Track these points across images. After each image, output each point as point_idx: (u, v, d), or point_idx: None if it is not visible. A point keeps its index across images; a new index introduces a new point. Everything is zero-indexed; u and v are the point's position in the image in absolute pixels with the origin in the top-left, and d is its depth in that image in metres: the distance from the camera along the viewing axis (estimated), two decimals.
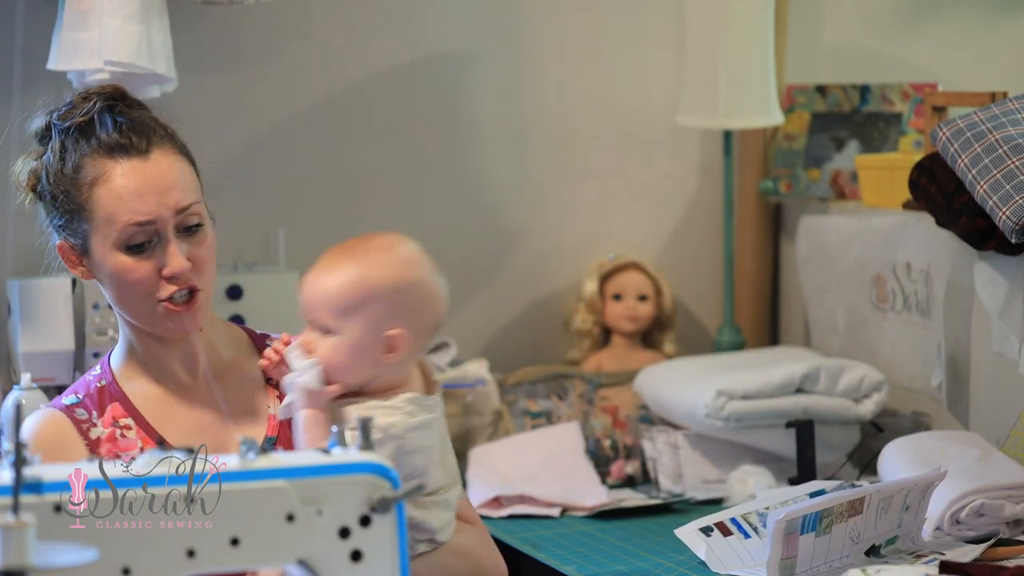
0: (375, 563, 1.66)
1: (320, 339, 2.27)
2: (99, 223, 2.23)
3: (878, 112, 3.61)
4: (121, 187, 2.22)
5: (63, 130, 2.26)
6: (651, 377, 3.41)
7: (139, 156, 2.24)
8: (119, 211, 2.22)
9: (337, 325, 2.26)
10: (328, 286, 2.27)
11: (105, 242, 2.23)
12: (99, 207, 2.22)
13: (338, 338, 2.26)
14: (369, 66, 3.59)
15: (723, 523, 2.60)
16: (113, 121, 2.26)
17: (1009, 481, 2.68)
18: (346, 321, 2.25)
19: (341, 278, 2.27)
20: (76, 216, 2.24)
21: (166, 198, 2.24)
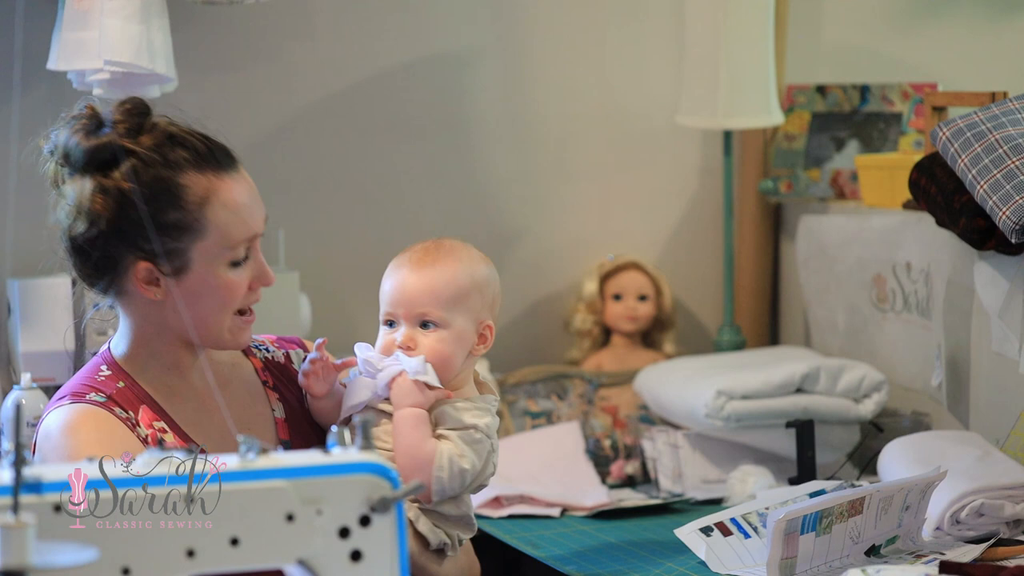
0: (375, 563, 1.66)
1: (421, 334, 2.32)
2: (211, 241, 2.18)
3: (878, 112, 3.61)
4: (233, 203, 2.20)
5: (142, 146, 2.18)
6: (651, 377, 3.41)
7: (235, 170, 2.23)
8: (235, 227, 2.20)
9: (444, 318, 2.34)
10: (435, 280, 2.34)
11: (214, 259, 2.19)
12: (212, 225, 2.18)
13: (445, 331, 2.34)
14: (369, 66, 3.59)
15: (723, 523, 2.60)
16: (199, 136, 2.22)
17: (1009, 481, 2.68)
18: (453, 313, 2.35)
19: (446, 272, 2.35)
20: (181, 235, 2.18)
21: (259, 210, 2.26)
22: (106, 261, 2.20)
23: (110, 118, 2.21)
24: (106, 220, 2.17)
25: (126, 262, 2.19)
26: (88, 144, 2.19)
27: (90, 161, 2.18)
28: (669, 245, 3.84)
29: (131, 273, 2.19)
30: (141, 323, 2.25)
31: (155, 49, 3.04)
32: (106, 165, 2.18)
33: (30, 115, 3.31)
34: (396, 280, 2.37)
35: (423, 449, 2.29)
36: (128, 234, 2.17)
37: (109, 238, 2.18)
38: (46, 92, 3.33)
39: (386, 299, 2.38)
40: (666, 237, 3.84)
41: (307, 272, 3.44)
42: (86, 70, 3.06)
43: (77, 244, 2.20)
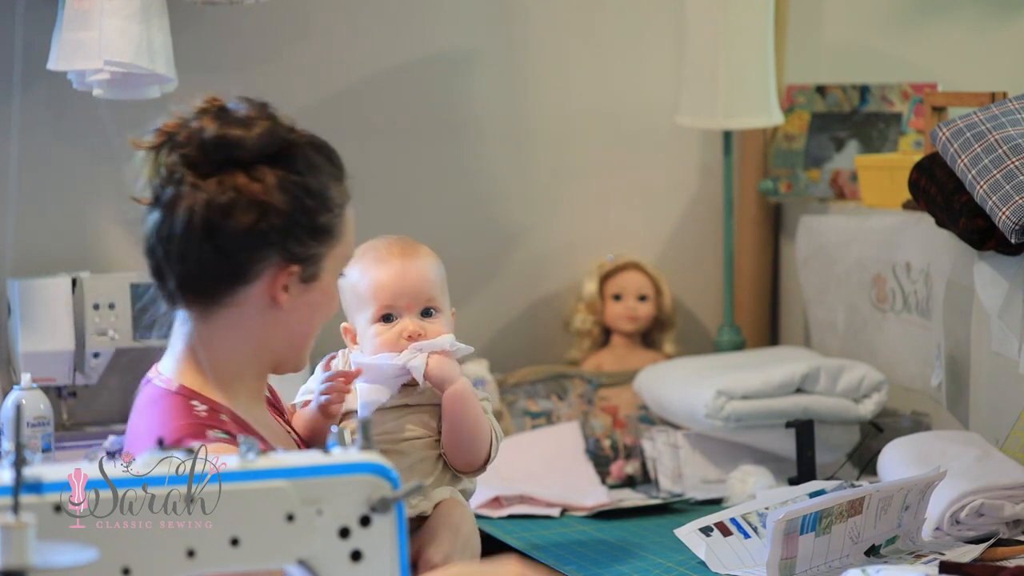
0: (375, 563, 1.66)
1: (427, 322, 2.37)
2: (340, 249, 2.12)
3: (878, 112, 3.61)
4: (352, 216, 2.15)
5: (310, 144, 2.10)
6: (651, 377, 3.41)
7: None
8: (351, 238, 2.15)
9: (442, 304, 2.40)
10: (427, 268, 2.39)
11: (336, 269, 2.12)
12: (345, 233, 2.12)
13: (443, 316, 2.40)
14: (369, 66, 3.59)
15: (723, 523, 2.61)
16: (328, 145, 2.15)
17: (1009, 481, 2.68)
18: (444, 299, 2.41)
19: (430, 260, 2.40)
20: (327, 240, 2.09)
21: None
22: (249, 262, 2.04)
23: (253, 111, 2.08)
24: (280, 215, 2.03)
25: (271, 265, 2.05)
26: (255, 134, 2.05)
27: (260, 151, 2.04)
28: (669, 245, 3.84)
29: (271, 277, 2.06)
30: (239, 341, 2.09)
31: (155, 49, 3.04)
32: (277, 158, 2.05)
33: (30, 115, 3.31)
34: (391, 272, 2.37)
35: (483, 423, 2.34)
36: (289, 233, 2.04)
37: (271, 235, 2.03)
38: (46, 92, 3.33)
39: (382, 292, 2.37)
40: (666, 237, 3.84)
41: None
42: (86, 70, 3.07)
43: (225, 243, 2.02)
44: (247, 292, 2.06)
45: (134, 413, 2.16)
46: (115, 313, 3.23)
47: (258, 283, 2.06)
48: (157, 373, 2.14)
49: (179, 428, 2.04)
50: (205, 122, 2.06)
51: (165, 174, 2.06)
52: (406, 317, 2.37)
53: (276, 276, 2.06)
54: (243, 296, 2.06)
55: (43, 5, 3.21)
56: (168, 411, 2.07)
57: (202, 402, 2.08)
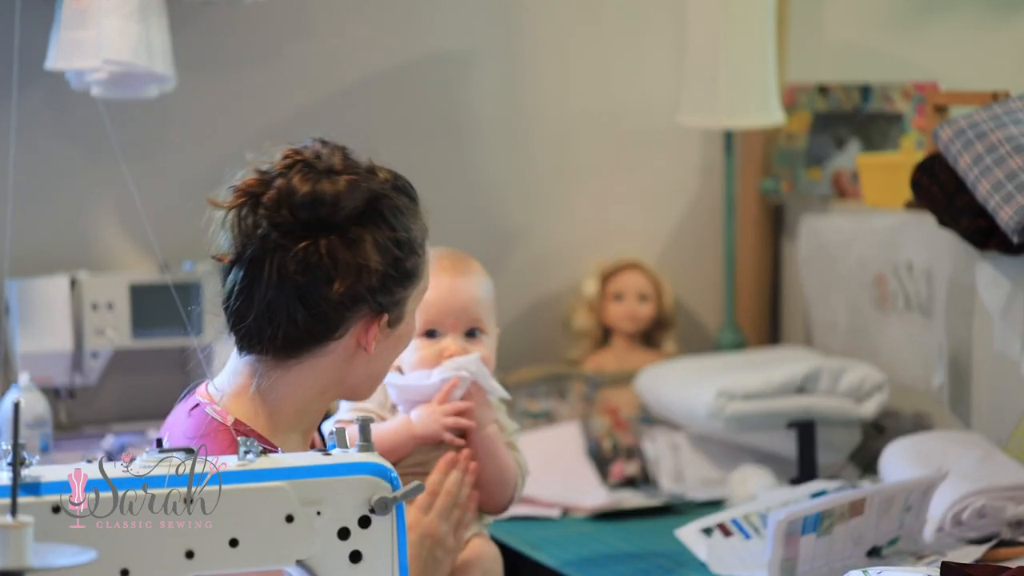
0: (375, 564, 1.65)
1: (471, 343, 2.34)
2: (421, 286, 2.03)
3: (879, 112, 3.61)
4: None
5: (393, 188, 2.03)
6: (651, 377, 3.40)
7: None
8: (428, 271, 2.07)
9: (488, 325, 2.36)
10: (478, 287, 2.35)
11: (415, 304, 2.04)
12: (424, 271, 2.04)
13: (488, 338, 2.36)
14: (369, 66, 3.59)
15: (724, 524, 2.60)
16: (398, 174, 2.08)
17: (1011, 482, 2.68)
18: (491, 320, 2.37)
19: (482, 279, 2.36)
20: (412, 282, 2.01)
21: None
22: (340, 320, 1.97)
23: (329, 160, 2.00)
24: (374, 274, 1.95)
25: (361, 317, 1.98)
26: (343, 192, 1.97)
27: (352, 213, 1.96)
28: (669, 245, 3.84)
29: (362, 329, 1.99)
30: (314, 384, 2.00)
31: (154, 48, 3.03)
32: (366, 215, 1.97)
33: (28, 114, 3.30)
34: (442, 288, 2.30)
35: (511, 464, 2.33)
36: (384, 288, 1.97)
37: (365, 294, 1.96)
38: (44, 91, 3.32)
39: (431, 309, 2.29)
40: (666, 237, 3.84)
41: None
42: (84, 69, 3.06)
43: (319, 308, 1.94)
44: (335, 345, 1.98)
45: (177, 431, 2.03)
46: (113, 313, 3.22)
47: (348, 336, 1.98)
48: (209, 399, 2.01)
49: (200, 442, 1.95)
50: (294, 181, 1.97)
51: (249, 233, 1.97)
52: (450, 336, 2.34)
53: (368, 328, 1.98)
54: (330, 348, 1.99)
55: (41, 4, 3.21)
56: (222, 448, 1.93)
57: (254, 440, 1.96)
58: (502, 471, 2.33)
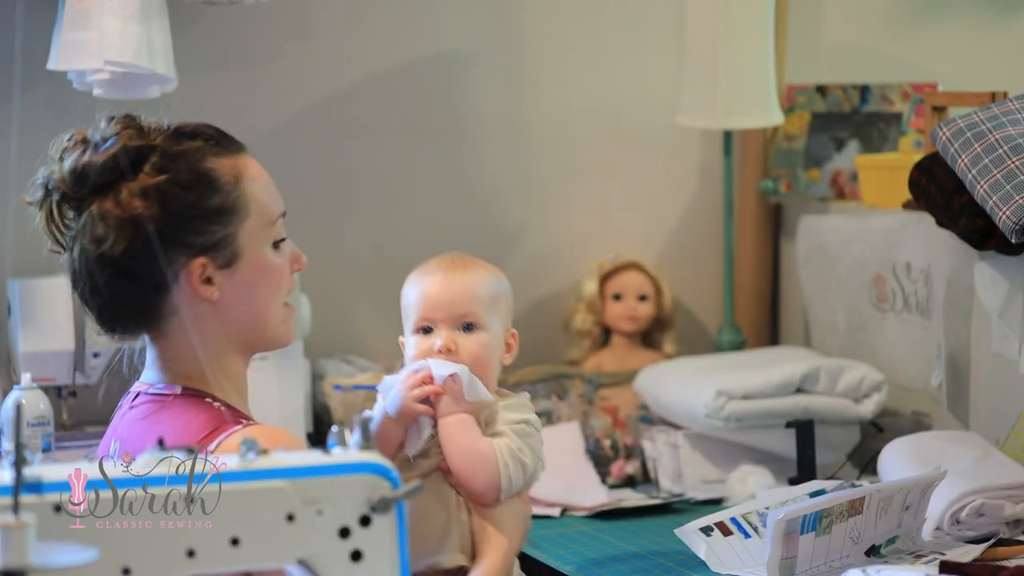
0: (375, 563, 1.66)
1: (463, 337, 2.32)
2: (255, 221, 2.11)
3: (878, 112, 3.61)
4: (263, 179, 2.14)
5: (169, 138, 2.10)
6: (651, 377, 3.41)
7: (246, 151, 2.17)
8: (272, 204, 2.14)
9: (485, 320, 2.34)
10: (474, 282, 2.34)
11: (260, 240, 2.11)
12: (254, 203, 2.11)
13: (485, 334, 2.33)
14: (369, 66, 3.59)
15: (723, 523, 2.60)
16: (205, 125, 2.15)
17: (1009, 481, 2.68)
18: (491, 316, 2.35)
19: (481, 276, 2.36)
20: (228, 219, 2.09)
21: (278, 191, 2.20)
22: (157, 275, 2.06)
23: (109, 131, 2.12)
24: (152, 220, 2.04)
25: (177, 266, 2.07)
26: (103, 157, 2.07)
27: (114, 171, 2.06)
28: (669, 245, 3.84)
29: (185, 276, 2.07)
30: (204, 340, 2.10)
31: (155, 49, 3.04)
32: (131, 170, 2.06)
33: (30, 115, 3.31)
34: (433, 284, 2.34)
35: (480, 448, 2.28)
36: (178, 231, 2.05)
37: (157, 243, 2.04)
38: (46, 92, 3.33)
39: (422, 304, 2.34)
40: (666, 237, 3.84)
41: (307, 272, 3.43)
42: (86, 70, 3.06)
43: (122, 269, 2.06)
44: (172, 300, 2.07)
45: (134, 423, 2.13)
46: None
47: (177, 288, 2.07)
48: (147, 385, 2.14)
49: (208, 421, 2.05)
50: (65, 164, 2.10)
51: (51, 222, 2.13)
52: (443, 330, 2.34)
53: (188, 274, 2.07)
54: (173, 305, 2.08)
55: (43, 5, 3.21)
56: (187, 410, 2.07)
57: (214, 400, 2.10)
58: (463, 456, 2.28)
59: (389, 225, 3.61)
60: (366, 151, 3.59)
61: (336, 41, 3.56)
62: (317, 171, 3.56)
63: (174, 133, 2.12)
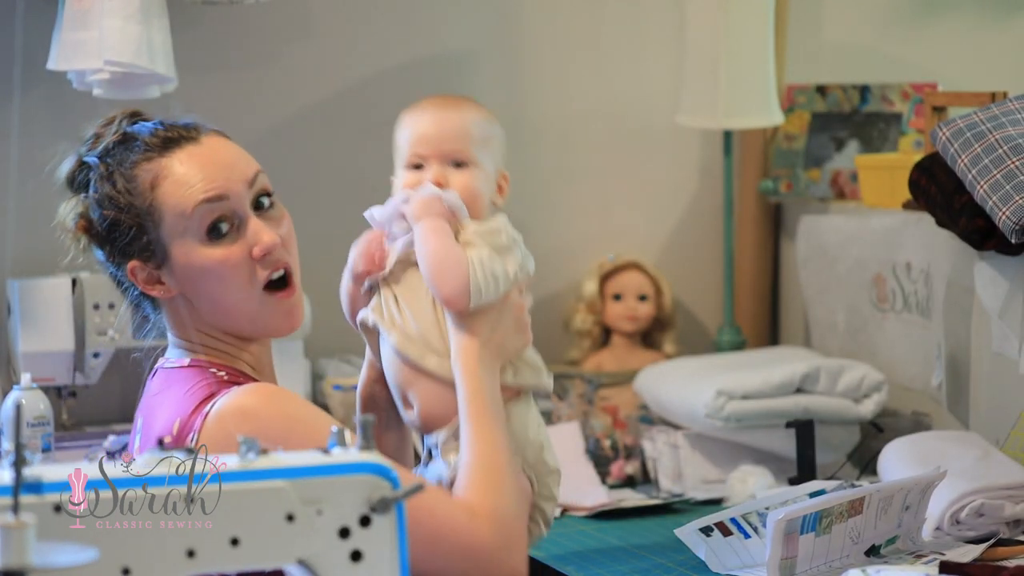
0: (375, 563, 1.66)
1: (453, 172, 2.31)
2: (172, 220, 2.13)
3: (878, 112, 3.61)
4: (183, 173, 2.14)
5: (100, 155, 2.18)
6: (651, 377, 3.41)
7: (191, 143, 2.17)
8: (187, 196, 2.13)
9: (476, 157, 2.32)
10: (465, 119, 2.33)
11: (185, 239, 2.13)
12: (167, 203, 2.13)
13: (477, 170, 2.32)
14: (369, 66, 3.59)
15: (723, 523, 2.60)
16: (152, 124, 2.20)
17: (1009, 481, 2.68)
18: (483, 154, 2.34)
19: (474, 113, 2.34)
20: (145, 226, 2.14)
21: (232, 172, 2.16)
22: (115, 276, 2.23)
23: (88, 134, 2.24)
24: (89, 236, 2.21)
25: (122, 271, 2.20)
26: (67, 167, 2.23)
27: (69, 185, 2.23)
28: (669, 245, 3.84)
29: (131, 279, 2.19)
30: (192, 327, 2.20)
31: (155, 49, 3.04)
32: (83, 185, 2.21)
33: (30, 115, 3.31)
34: (425, 120, 2.32)
35: (453, 252, 2.24)
36: (107, 243, 2.19)
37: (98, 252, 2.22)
38: (46, 92, 3.33)
39: (413, 139, 2.34)
40: (666, 237, 3.84)
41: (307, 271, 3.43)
42: (86, 70, 3.07)
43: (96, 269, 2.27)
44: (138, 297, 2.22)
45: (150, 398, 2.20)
46: (115, 313, 3.23)
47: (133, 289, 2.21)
48: (165, 359, 2.23)
49: (209, 386, 2.10)
50: None
51: None
52: (434, 165, 2.33)
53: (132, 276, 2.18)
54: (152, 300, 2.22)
55: (43, 5, 3.21)
56: (192, 378, 2.13)
57: (219, 369, 2.15)
58: (434, 259, 2.23)
59: None
60: (366, 151, 3.59)
61: (336, 41, 3.56)
62: (317, 171, 3.56)
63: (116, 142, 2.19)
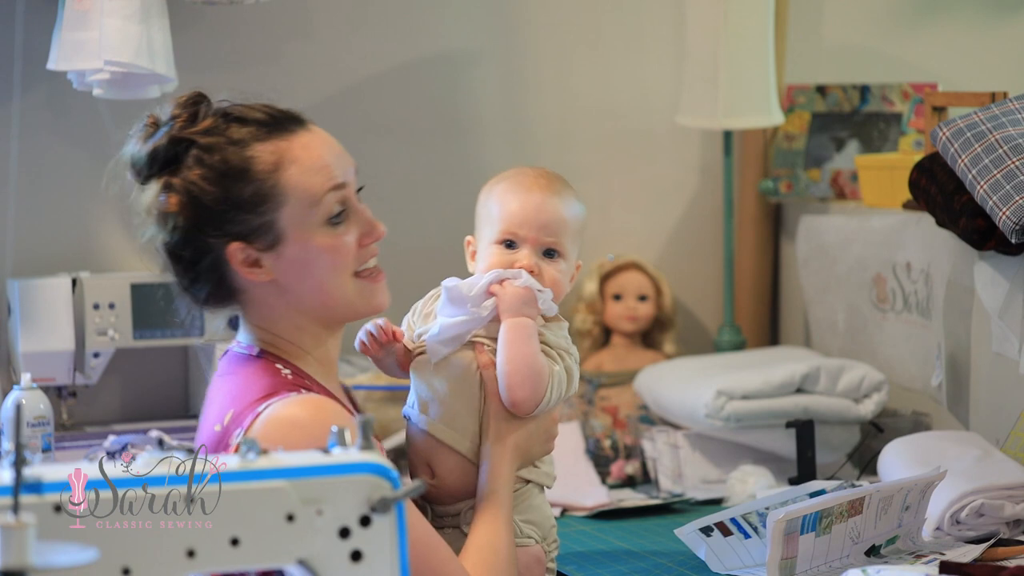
0: (375, 563, 1.66)
1: (545, 262, 2.33)
2: (297, 205, 2.12)
3: (878, 112, 3.61)
4: (310, 159, 2.14)
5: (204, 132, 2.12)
6: (651, 377, 3.41)
7: (303, 129, 2.18)
8: (317, 183, 2.13)
9: (568, 249, 2.34)
10: (567, 208, 2.34)
11: (306, 222, 2.12)
12: (294, 187, 2.12)
13: (565, 263, 2.34)
14: (369, 66, 3.59)
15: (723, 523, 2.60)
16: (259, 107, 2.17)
17: (1009, 481, 2.68)
18: (572, 246, 2.35)
19: (573, 203, 2.36)
20: (261, 207, 2.11)
21: (344, 160, 2.19)
22: (201, 257, 2.14)
23: (166, 117, 2.15)
24: (183, 216, 2.10)
25: (217, 251, 2.12)
26: (148, 147, 2.13)
27: (154, 163, 2.13)
28: (669, 245, 3.84)
29: (227, 260, 2.12)
30: (275, 316, 2.17)
31: (155, 49, 3.04)
32: (172, 162, 2.12)
33: (30, 115, 3.31)
34: (530, 201, 2.33)
35: (540, 364, 2.27)
36: (209, 222, 2.10)
37: (193, 233, 2.11)
38: (46, 92, 3.33)
39: (514, 218, 2.34)
40: (666, 237, 3.84)
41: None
42: (86, 70, 3.07)
43: (171, 252, 2.15)
44: (230, 280, 2.15)
45: (216, 378, 2.21)
46: (115, 313, 3.23)
47: (231, 272, 2.14)
48: (237, 342, 2.22)
49: (269, 385, 2.10)
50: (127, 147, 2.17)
51: None
52: (526, 248, 2.33)
53: (230, 257, 2.12)
54: (236, 284, 2.15)
55: (43, 5, 3.21)
56: (256, 372, 2.13)
57: (285, 366, 2.15)
58: (522, 363, 2.27)
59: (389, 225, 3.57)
60: (366, 151, 3.59)
61: (336, 41, 3.56)
62: None
63: (220, 120, 2.14)
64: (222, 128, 2.13)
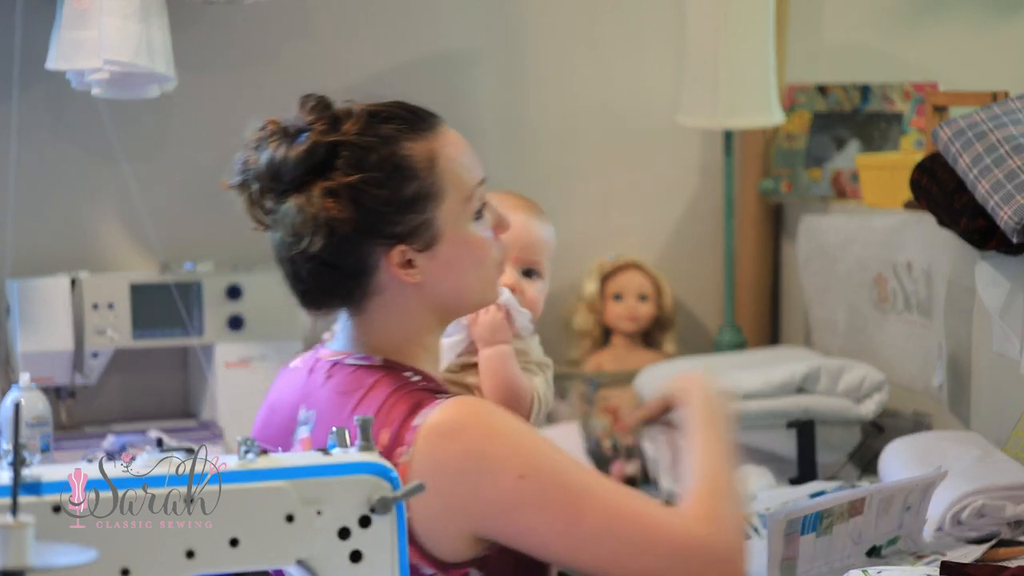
0: (375, 563, 1.66)
1: (526, 282, 2.38)
2: (454, 201, 2.07)
3: (879, 112, 3.61)
4: (457, 155, 2.09)
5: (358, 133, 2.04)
6: (651, 377, 3.40)
7: (442, 123, 2.13)
8: (468, 178, 2.09)
9: (546, 270, 2.41)
10: (547, 231, 2.41)
11: (460, 218, 2.08)
12: (451, 183, 2.07)
13: (542, 284, 2.40)
14: (369, 66, 3.59)
15: None
16: (396, 104, 2.09)
17: (1010, 481, 2.67)
18: (548, 268, 2.42)
19: (550, 228, 2.43)
20: (425, 205, 2.04)
21: (477, 156, 2.16)
22: (358, 264, 2.04)
23: (302, 122, 2.07)
24: (347, 221, 2.00)
25: (377, 255, 2.04)
26: (296, 153, 2.03)
27: (307, 169, 2.02)
28: (669, 245, 3.84)
29: (385, 265, 2.04)
30: (406, 318, 2.08)
31: (154, 48, 3.04)
32: (324, 167, 2.02)
33: (29, 115, 3.31)
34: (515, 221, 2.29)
35: (519, 384, 2.30)
36: (374, 225, 2.02)
37: (355, 238, 2.01)
38: (45, 91, 3.33)
39: None
40: (666, 237, 3.84)
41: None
42: (85, 69, 3.06)
43: (323, 261, 2.03)
44: (377, 283, 2.06)
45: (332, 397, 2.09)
46: (114, 313, 3.23)
47: (380, 274, 2.05)
48: (344, 355, 2.11)
49: (407, 394, 2.01)
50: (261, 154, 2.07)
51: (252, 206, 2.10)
52: (510, 268, 2.36)
53: (389, 261, 2.04)
54: (376, 287, 2.06)
55: (42, 4, 3.21)
56: (387, 387, 2.03)
57: (409, 371, 2.07)
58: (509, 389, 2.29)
59: None
60: None
61: (336, 41, 3.56)
62: None
63: (367, 120, 2.06)
64: (374, 128, 2.05)
